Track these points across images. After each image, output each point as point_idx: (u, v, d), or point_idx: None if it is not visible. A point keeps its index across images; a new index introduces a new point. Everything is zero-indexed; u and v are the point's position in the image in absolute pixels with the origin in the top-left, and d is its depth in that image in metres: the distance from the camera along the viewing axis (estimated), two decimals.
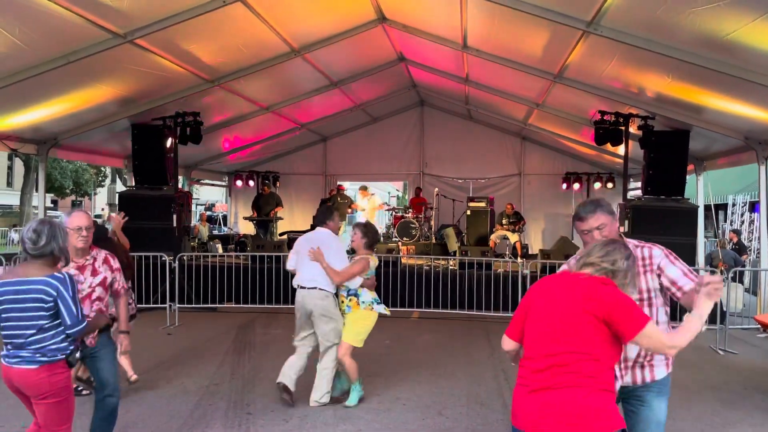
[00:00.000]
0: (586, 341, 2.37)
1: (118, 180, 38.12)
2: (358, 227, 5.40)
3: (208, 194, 36.71)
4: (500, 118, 13.74)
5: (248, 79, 9.85)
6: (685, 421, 4.94)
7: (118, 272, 3.93)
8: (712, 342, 7.68)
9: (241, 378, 6.05)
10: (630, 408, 2.93)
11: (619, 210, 10.16)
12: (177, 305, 8.79)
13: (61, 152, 10.56)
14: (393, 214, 15.04)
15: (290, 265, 5.42)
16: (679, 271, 2.82)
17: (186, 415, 4.97)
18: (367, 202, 14.99)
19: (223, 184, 17.24)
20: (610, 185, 14.51)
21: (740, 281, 10.27)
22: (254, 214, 14.55)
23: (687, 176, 10.04)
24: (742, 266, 11.70)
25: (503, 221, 13.58)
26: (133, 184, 10.97)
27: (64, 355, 3.07)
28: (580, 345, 2.37)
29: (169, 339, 7.88)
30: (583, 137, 12.29)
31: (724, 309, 8.19)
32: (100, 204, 43.10)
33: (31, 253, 3.05)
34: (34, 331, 2.99)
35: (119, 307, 3.96)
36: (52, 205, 35.95)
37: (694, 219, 9.93)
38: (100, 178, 39.45)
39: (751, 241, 16.31)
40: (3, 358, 3.08)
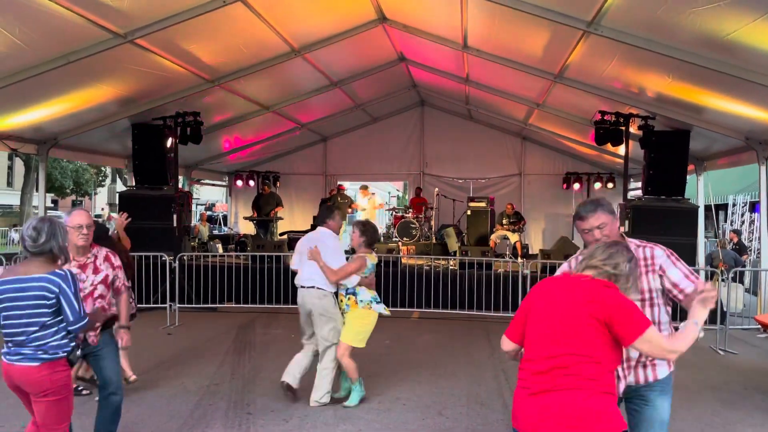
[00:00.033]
0: (587, 344, 2.36)
1: (118, 180, 38.10)
2: (357, 226, 5.40)
3: (209, 194, 36.70)
4: (500, 118, 13.74)
5: (248, 79, 9.85)
6: (685, 421, 4.94)
7: (119, 269, 3.96)
8: (712, 342, 7.68)
9: (241, 378, 6.05)
10: (633, 407, 2.93)
11: (619, 210, 10.17)
12: (177, 305, 8.79)
13: (62, 152, 10.58)
14: (393, 214, 15.04)
15: (294, 264, 5.47)
16: (680, 274, 2.84)
17: (186, 414, 4.97)
18: (368, 201, 15.00)
19: (224, 184, 17.24)
20: (610, 185, 14.51)
21: (740, 281, 10.26)
22: (254, 214, 14.55)
23: (687, 176, 10.05)
24: (743, 266, 11.69)
25: (503, 221, 13.58)
26: (134, 184, 10.98)
27: (65, 353, 3.09)
28: (581, 347, 2.36)
29: (169, 339, 7.88)
30: (583, 137, 12.28)
31: (725, 309, 8.18)
32: (101, 204, 43.10)
33: (31, 251, 3.07)
34: (37, 328, 3.01)
35: (120, 303, 3.98)
36: (53, 205, 35.96)
37: (694, 219, 9.94)
38: (100, 178, 39.45)
39: (752, 241, 16.30)
40: (4, 356, 3.09)
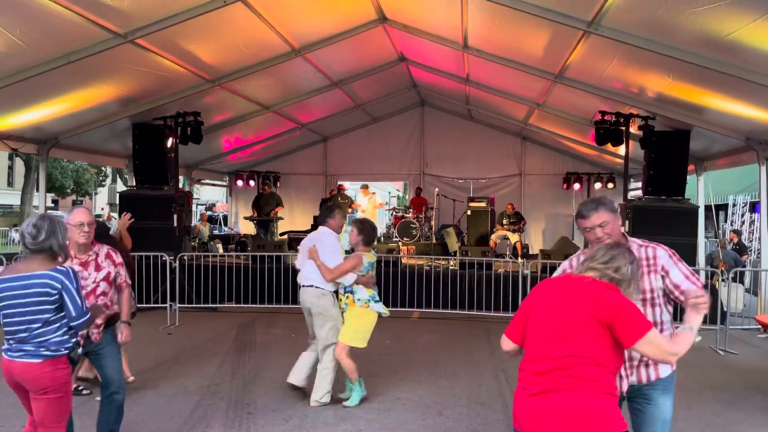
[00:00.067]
0: (588, 345, 2.36)
1: (118, 180, 38.07)
2: (354, 224, 5.40)
3: (209, 194, 36.71)
4: (501, 118, 13.74)
5: (249, 79, 9.84)
6: (685, 421, 4.94)
7: (120, 267, 3.97)
8: (712, 342, 7.67)
9: (241, 378, 6.06)
10: (636, 407, 2.93)
11: (619, 210, 10.14)
12: (177, 305, 8.79)
13: (62, 152, 10.58)
14: (393, 213, 15.04)
15: (298, 264, 5.51)
16: (681, 275, 2.86)
17: (186, 414, 4.97)
18: (368, 200, 15.00)
19: (224, 184, 17.23)
20: (610, 185, 14.50)
21: (741, 281, 10.27)
22: (255, 214, 14.56)
23: (687, 176, 10.05)
24: (743, 266, 11.69)
25: (504, 221, 13.57)
26: (134, 183, 10.97)
27: (66, 350, 3.10)
28: (582, 348, 2.36)
29: (169, 339, 7.88)
30: (583, 137, 12.28)
31: (725, 309, 8.19)
32: (101, 204, 43.11)
33: (31, 248, 3.08)
34: (39, 325, 3.02)
35: (122, 300, 3.99)
36: (53, 205, 35.96)
37: (694, 219, 9.93)
38: (100, 178, 39.44)
39: (752, 241, 16.31)
40: (5, 353, 3.09)
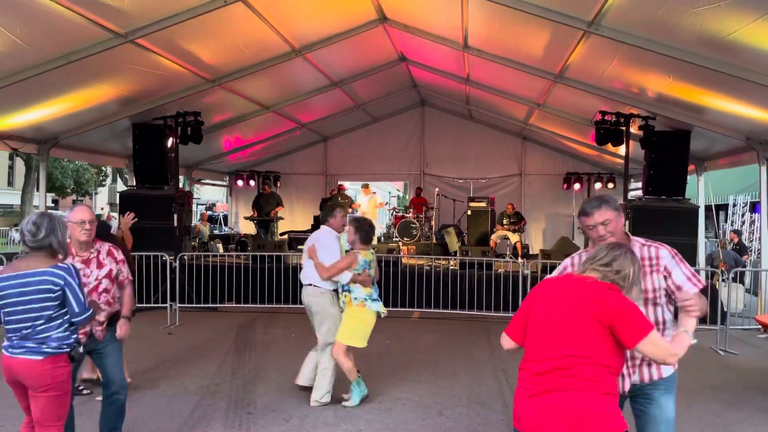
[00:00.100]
0: (588, 345, 2.36)
1: (119, 179, 38.08)
2: (351, 223, 5.38)
3: (209, 194, 36.70)
4: (501, 118, 13.73)
5: (249, 79, 9.84)
6: (685, 421, 4.93)
7: (122, 264, 3.98)
8: (712, 342, 7.67)
9: (241, 378, 6.06)
10: (638, 407, 2.93)
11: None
12: (178, 305, 8.79)
13: (62, 152, 10.57)
14: (394, 213, 15.03)
15: (303, 262, 5.54)
16: (683, 277, 2.87)
17: (186, 414, 4.98)
18: (368, 200, 14.99)
19: (224, 183, 17.24)
20: (610, 185, 14.49)
21: (741, 282, 10.27)
22: (255, 214, 14.56)
23: (688, 176, 10.05)
24: (743, 267, 11.69)
25: (504, 221, 13.57)
26: (134, 183, 10.97)
27: (67, 347, 3.11)
28: (582, 348, 2.35)
29: (169, 338, 7.88)
30: (583, 137, 12.28)
31: (725, 309, 8.18)
32: (101, 203, 43.12)
33: (31, 246, 3.09)
34: (43, 321, 3.04)
35: (124, 296, 4.00)
36: (53, 205, 35.98)
37: (694, 219, 9.93)
38: (101, 178, 39.48)
39: (752, 241, 16.30)
40: (5, 349, 3.10)
